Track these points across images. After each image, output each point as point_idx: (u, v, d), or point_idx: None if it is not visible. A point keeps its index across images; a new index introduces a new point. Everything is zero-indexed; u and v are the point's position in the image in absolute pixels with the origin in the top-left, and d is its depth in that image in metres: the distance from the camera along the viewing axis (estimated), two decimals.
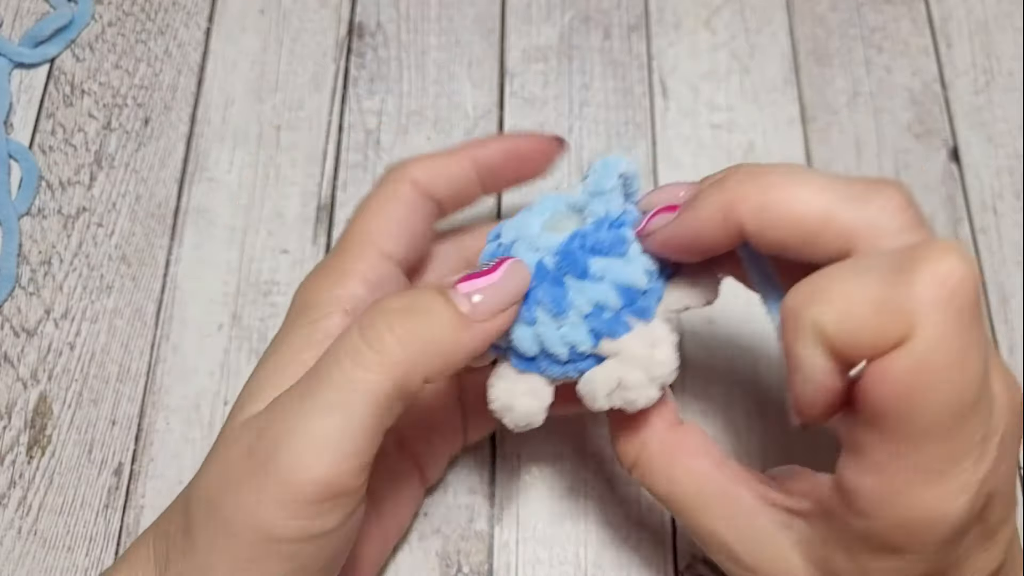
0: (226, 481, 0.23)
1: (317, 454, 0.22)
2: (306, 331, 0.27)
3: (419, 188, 0.30)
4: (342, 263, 0.29)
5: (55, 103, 0.40)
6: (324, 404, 0.22)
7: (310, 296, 0.28)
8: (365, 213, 0.30)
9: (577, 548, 0.34)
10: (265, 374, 0.26)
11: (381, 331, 0.23)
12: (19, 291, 0.37)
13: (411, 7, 0.43)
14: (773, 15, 0.44)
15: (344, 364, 0.22)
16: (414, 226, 0.30)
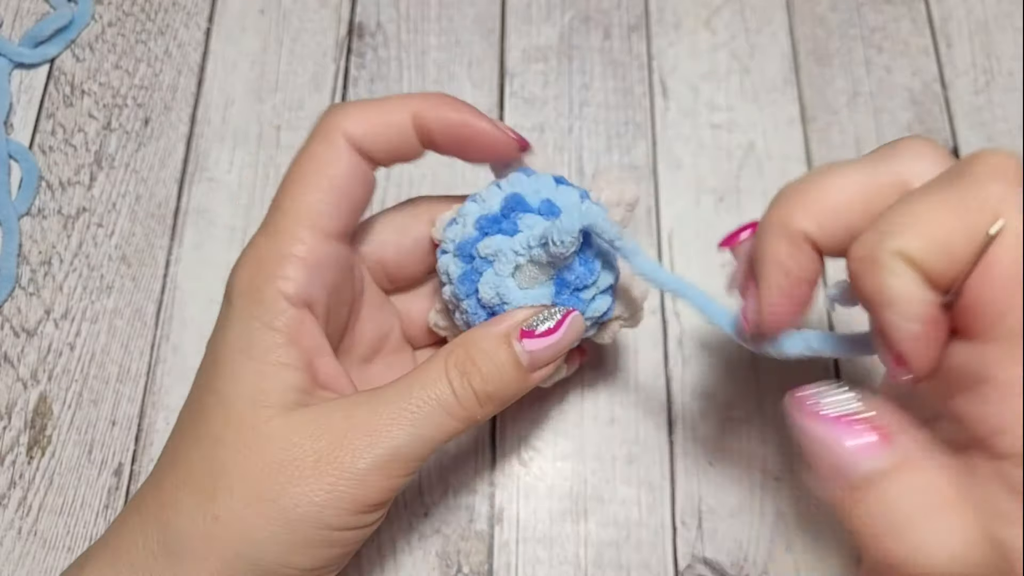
0: (289, 477, 0.25)
1: (397, 469, 0.25)
2: (267, 336, 0.26)
3: (354, 144, 0.27)
4: (278, 246, 0.27)
5: (55, 103, 0.40)
6: (410, 437, 0.25)
7: (251, 288, 0.26)
8: (299, 181, 0.27)
9: (577, 548, 0.34)
10: (241, 372, 0.26)
11: (469, 393, 0.26)
12: (19, 291, 0.37)
13: (411, 7, 0.43)
14: (773, 15, 0.44)
15: (436, 412, 0.26)
16: (352, 193, 0.28)
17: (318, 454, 0.25)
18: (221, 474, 0.25)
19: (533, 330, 0.27)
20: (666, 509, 0.34)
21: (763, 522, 0.34)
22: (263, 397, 0.26)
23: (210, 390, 0.26)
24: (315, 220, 0.27)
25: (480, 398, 0.26)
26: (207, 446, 0.26)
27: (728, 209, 0.39)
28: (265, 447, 0.25)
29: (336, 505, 0.25)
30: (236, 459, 0.25)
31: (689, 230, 0.39)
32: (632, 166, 0.40)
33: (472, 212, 0.29)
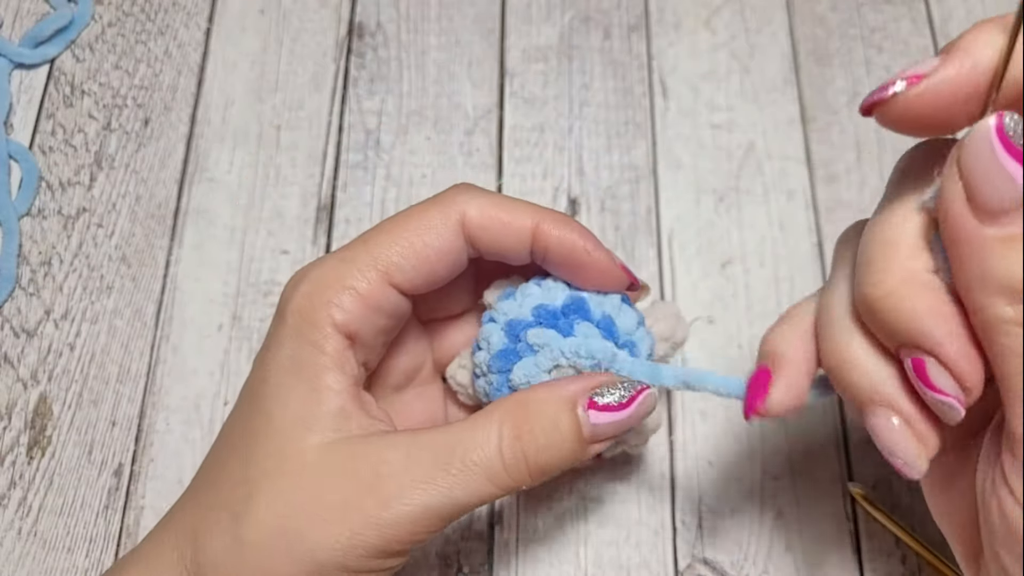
0: (314, 515, 0.24)
1: (426, 526, 0.25)
2: (317, 358, 0.26)
3: (467, 229, 0.27)
4: (343, 275, 0.26)
5: (55, 103, 0.40)
6: (448, 501, 0.24)
7: (306, 308, 0.26)
8: (394, 232, 0.27)
9: (577, 548, 0.34)
10: (288, 393, 0.26)
11: (520, 463, 0.25)
12: (19, 292, 0.37)
13: (411, 7, 0.43)
14: (773, 15, 0.44)
15: (478, 478, 0.25)
16: (438, 267, 0.27)
17: (346, 497, 0.24)
18: (251, 499, 0.25)
19: (603, 402, 0.26)
20: (666, 509, 0.34)
21: (763, 522, 0.34)
22: (308, 422, 0.25)
23: (257, 409, 0.26)
24: (390, 271, 0.26)
25: (531, 469, 0.25)
26: (245, 467, 0.25)
27: (728, 209, 0.39)
28: (298, 479, 0.25)
29: (357, 552, 0.24)
30: (269, 485, 0.25)
31: (689, 230, 0.39)
32: (632, 166, 0.40)
33: (533, 295, 0.29)
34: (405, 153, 0.40)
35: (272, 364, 0.26)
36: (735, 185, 0.40)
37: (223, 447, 0.27)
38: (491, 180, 0.40)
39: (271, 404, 0.26)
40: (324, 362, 0.26)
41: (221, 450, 0.27)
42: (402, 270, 0.27)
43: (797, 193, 0.40)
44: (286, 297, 0.27)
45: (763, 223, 0.39)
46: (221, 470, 0.26)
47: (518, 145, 0.41)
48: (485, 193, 0.28)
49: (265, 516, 0.24)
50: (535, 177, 0.40)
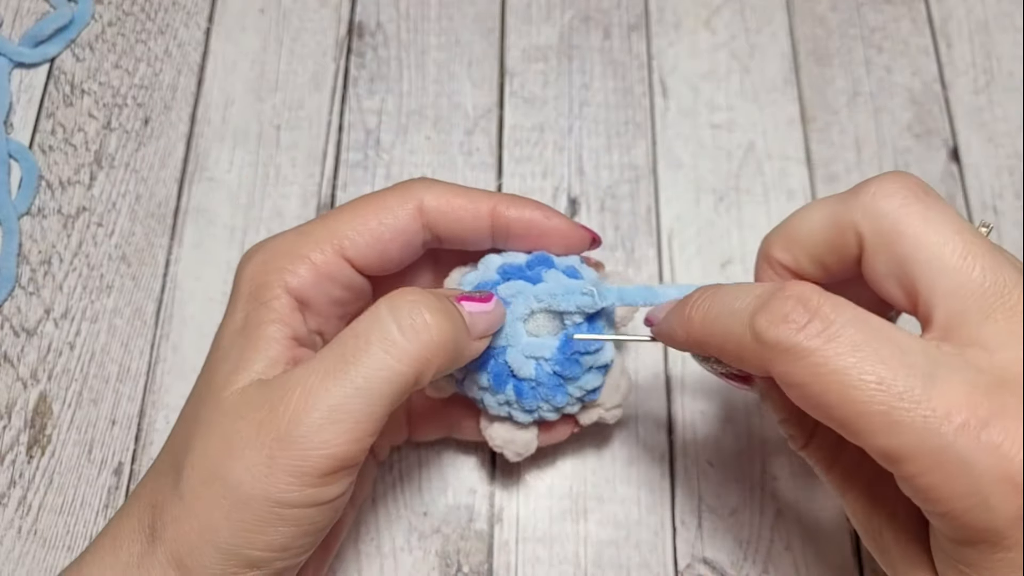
0: (232, 450, 0.24)
1: (338, 432, 0.23)
2: (259, 311, 0.27)
3: (423, 215, 0.28)
4: (299, 247, 0.28)
5: (55, 103, 0.40)
6: (350, 387, 0.23)
7: (258, 274, 0.27)
8: (351, 212, 0.28)
9: (577, 548, 0.34)
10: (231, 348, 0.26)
11: (418, 324, 0.24)
12: (19, 291, 0.37)
13: (411, 7, 0.43)
14: (773, 15, 0.44)
15: (375, 351, 0.24)
16: (392, 246, 0.28)
17: (258, 424, 0.24)
18: (186, 451, 0.25)
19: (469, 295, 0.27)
20: (666, 509, 0.34)
21: (763, 522, 0.34)
22: (239, 371, 0.26)
23: (204, 369, 0.27)
24: (343, 244, 0.28)
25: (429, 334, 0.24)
26: (188, 424, 0.26)
27: (728, 209, 0.39)
28: (221, 421, 0.25)
29: (278, 478, 0.23)
30: (200, 435, 0.25)
31: (689, 230, 0.39)
32: (632, 166, 0.40)
33: (494, 261, 0.30)
34: (405, 153, 0.40)
35: (224, 329, 0.27)
36: (735, 185, 0.40)
37: (179, 416, 0.28)
38: (491, 180, 0.40)
39: (216, 363, 0.27)
40: (269, 316, 0.27)
41: (178, 419, 0.27)
42: (356, 245, 0.28)
43: (797, 193, 0.40)
44: (241, 267, 0.28)
45: (763, 223, 0.39)
46: (173, 436, 0.27)
47: (518, 145, 0.41)
48: (443, 183, 0.29)
49: (197, 465, 0.24)
50: (535, 177, 0.40)
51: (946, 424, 0.20)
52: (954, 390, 0.20)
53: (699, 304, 0.25)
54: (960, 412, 0.20)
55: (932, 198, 0.23)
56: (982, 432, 0.20)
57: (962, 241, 0.22)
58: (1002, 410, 0.20)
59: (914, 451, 0.20)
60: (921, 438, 0.20)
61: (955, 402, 0.20)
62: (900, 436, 0.20)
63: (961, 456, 0.20)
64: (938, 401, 0.20)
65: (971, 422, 0.20)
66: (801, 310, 0.22)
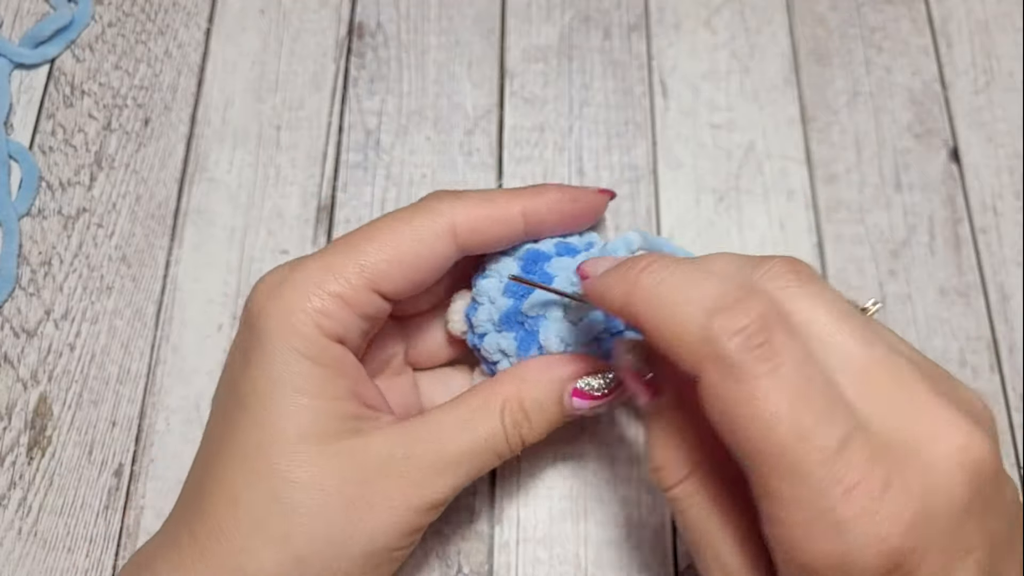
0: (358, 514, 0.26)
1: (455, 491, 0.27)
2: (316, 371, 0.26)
3: (455, 238, 0.28)
4: (329, 283, 0.26)
5: (55, 104, 0.40)
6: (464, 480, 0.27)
7: (291, 320, 0.26)
8: (382, 238, 0.27)
9: (577, 548, 0.34)
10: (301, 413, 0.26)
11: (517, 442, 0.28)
12: (19, 292, 0.37)
13: (411, 7, 0.43)
14: (773, 15, 0.44)
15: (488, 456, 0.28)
16: (425, 275, 0.28)
17: (387, 489, 0.26)
18: (294, 515, 0.25)
19: (586, 392, 0.28)
20: (666, 509, 0.34)
21: None
22: (325, 433, 0.26)
23: (262, 427, 0.26)
24: (377, 280, 0.27)
25: (526, 443, 0.28)
26: (274, 486, 0.25)
27: (728, 209, 0.39)
28: (335, 483, 0.25)
29: (399, 532, 0.26)
30: (310, 497, 0.25)
31: (689, 230, 0.39)
32: (632, 166, 0.40)
33: (492, 287, 0.30)
34: (405, 153, 0.40)
35: (264, 379, 0.26)
36: (735, 185, 0.40)
37: (228, 467, 0.26)
38: (491, 180, 0.40)
39: (277, 419, 0.26)
40: (325, 374, 0.26)
41: (228, 471, 0.26)
42: (390, 279, 0.27)
43: (797, 193, 0.40)
44: (262, 304, 0.27)
45: (763, 223, 0.39)
46: (237, 489, 0.26)
47: (518, 145, 0.41)
48: (468, 196, 0.28)
49: (315, 528, 0.25)
50: (535, 177, 0.40)
51: (839, 488, 0.20)
52: (857, 456, 0.21)
53: (651, 273, 0.23)
54: (854, 479, 0.20)
55: (818, 281, 0.23)
56: (865, 499, 0.20)
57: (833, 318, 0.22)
58: (886, 483, 0.20)
59: (806, 507, 0.20)
60: (815, 496, 0.20)
61: (854, 469, 0.20)
62: (799, 488, 0.20)
63: (842, 521, 0.20)
64: (842, 465, 0.20)
65: (859, 490, 0.20)
66: (759, 328, 0.21)
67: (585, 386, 0.28)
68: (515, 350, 0.29)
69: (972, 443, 0.21)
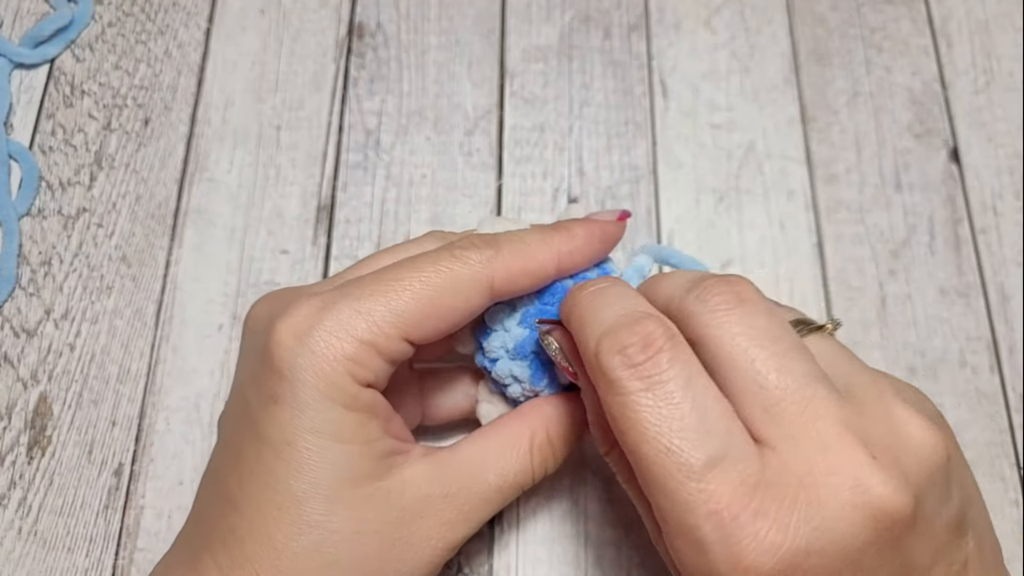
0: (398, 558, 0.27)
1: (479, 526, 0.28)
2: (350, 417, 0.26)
3: (491, 292, 0.27)
4: (360, 330, 0.26)
5: (55, 103, 0.40)
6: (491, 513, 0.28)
7: (324, 369, 0.25)
8: (418, 285, 0.26)
9: (577, 548, 0.34)
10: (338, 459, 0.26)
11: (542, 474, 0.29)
12: (19, 292, 0.37)
13: (411, 7, 0.43)
14: (773, 15, 0.44)
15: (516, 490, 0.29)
16: (456, 325, 0.27)
17: (429, 522, 0.27)
18: (335, 563, 0.25)
19: None
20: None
21: None
22: (361, 477, 0.26)
23: (298, 476, 0.25)
24: (410, 330, 0.26)
25: (547, 475, 0.29)
26: (315, 537, 0.25)
27: (728, 209, 0.39)
28: (375, 527, 0.26)
29: (432, 567, 0.27)
30: (348, 546, 0.26)
31: (689, 230, 0.39)
32: (632, 166, 0.40)
33: (506, 316, 0.29)
34: (405, 153, 0.40)
35: (298, 426, 0.25)
36: (735, 185, 0.40)
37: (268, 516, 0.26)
38: (491, 180, 0.40)
39: (314, 467, 0.25)
40: (358, 418, 0.26)
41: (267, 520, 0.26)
42: (422, 328, 0.26)
43: (797, 193, 0.40)
44: (293, 350, 0.26)
45: (763, 223, 0.39)
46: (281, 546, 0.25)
47: (518, 145, 0.41)
48: (501, 248, 0.27)
49: (351, 572, 0.26)
50: (535, 177, 0.40)
51: (703, 507, 0.21)
52: (726, 480, 0.21)
53: (587, 294, 0.26)
54: (720, 502, 0.21)
55: (751, 304, 0.24)
56: (729, 524, 0.21)
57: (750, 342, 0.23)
58: (758, 513, 0.21)
59: (674, 519, 0.22)
60: (681, 511, 0.22)
61: (721, 492, 0.21)
62: (667, 500, 0.22)
63: (705, 540, 0.21)
64: (707, 485, 0.21)
65: (724, 514, 0.21)
66: (640, 348, 0.23)
67: None
68: (528, 377, 0.29)
69: (872, 483, 0.21)
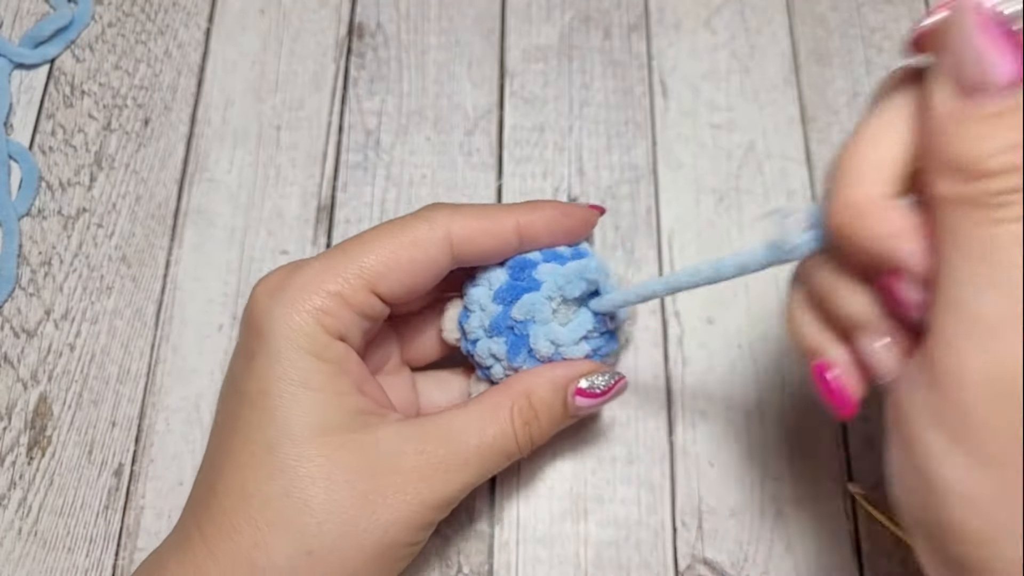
0: (372, 507, 0.26)
1: (462, 494, 0.28)
2: (323, 367, 0.27)
3: (451, 246, 0.29)
4: (328, 283, 0.27)
5: (55, 104, 0.40)
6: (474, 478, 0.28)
7: (294, 319, 0.27)
8: (380, 245, 0.28)
9: (577, 548, 0.34)
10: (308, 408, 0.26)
11: (527, 442, 0.29)
12: (19, 292, 0.37)
13: (411, 7, 0.43)
14: (773, 15, 0.44)
15: (498, 459, 0.29)
16: (421, 282, 0.29)
17: (405, 477, 0.27)
18: (307, 508, 0.25)
19: (588, 390, 0.30)
20: (666, 509, 0.34)
21: (763, 522, 0.34)
22: (333, 427, 0.26)
23: (270, 423, 0.26)
24: (375, 282, 0.28)
25: (534, 444, 0.29)
26: (284, 482, 0.26)
27: (728, 209, 0.39)
28: (346, 476, 0.26)
29: (412, 526, 0.27)
30: (320, 491, 0.26)
31: (689, 230, 0.39)
32: (632, 166, 0.40)
33: (482, 295, 0.31)
34: (405, 153, 0.40)
35: (272, 378, 0.27)
36: (735, 185, 0.40)
37: (241, 465, 0.26)
38: (491, 180, 0.40)
39: (286, 416, 0.26)
40: (330, 369, 0.27)
41: (239, 469, 0.26)
42: (387, 282, 0.28)
43: (797, 193, 0.40)
44: (265, 304, 0.27)
45: (763, 223, 0.39)
46: (249, 487, 0.26)
47: (518, 145, 0.41)
48: (464, 209, 0.29)
49: (329, 522, 0.25)
50: (535, 177, 0.40)
51: None
52: None
53: None
54: None
55: None
56: None
57: None
58: None
59: None
60: None
61: None
62: None
63: None
64: None
65: None
66: None
67: (588, 384, 0.30)
68: (506, 354, 0.30)
69: None
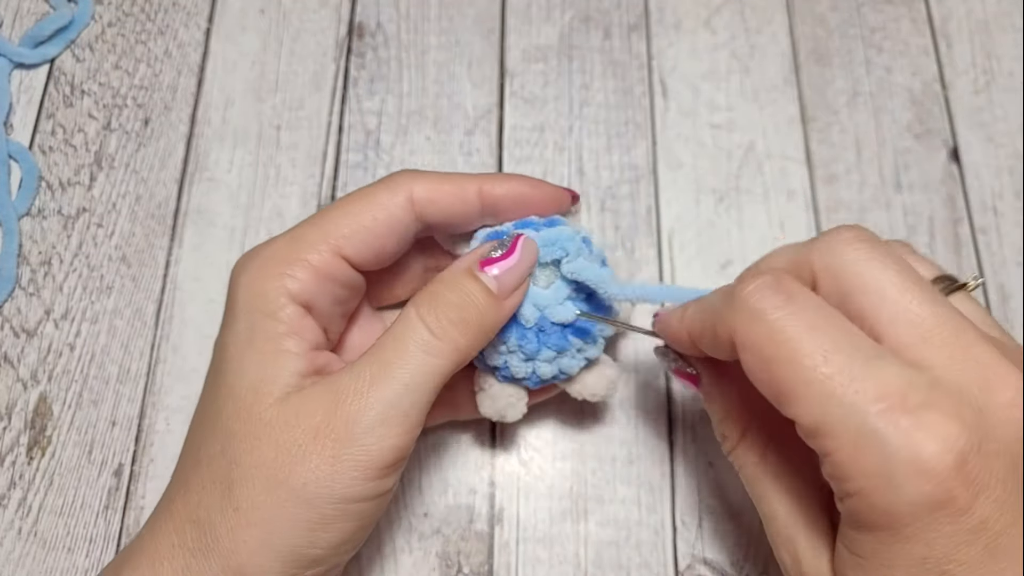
0: (291, 457, 0.25)
1: (393, 426, 0.26)
2: (269, 324, 0.27)
3: (413, 206, 0.29)
4: (295, 251, 0.28)
5: (55, 103, 0.40)
6: (399, 386, 0.26)
7: (256, 282, 0.28)
8: (342, 209, 0.29)
9: (577, 548, 0.34)
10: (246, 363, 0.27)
11: (445, 325, 0.27)
12: (19, 292, 0.37)
13: (411, 7, 0.43)
14: (773, 15, 0.44)
15: (414, 353, 0.26)
16: (387, 242, 0.29)
17: (315, 429, 0.26)
18: (235, 465, 0.26)
19: (491, 258, 0.28)
20: (666, 509, 0.34)
21: None
22: (266, 384, 0.26)
23: (221, 384, 0.27)
24: (340, 244, 0.28)
25: (458, 327, 0.27)
26: (222, 440, 0.26)
27: (728, 209, 0.39)
28: (270, 433, 0.26)
29: (344, 474, 0.25)
30: (247, 448, 0.26)
31: (689, 230, 0.39)
32: (632, 166, 0.40)
33: (482, 233, 0.31)
34: (405, 153, 0.40)
35: (229, 339, 0.28)
36: (735, 185, 0.40)
37: (197, 427, 0.28)
38: None
39: (231, 377, 0.27)
40: (277, 328, 0.27)
41: (196, 430, 0.28)
42: (352, 244, 0.28)
43: (797, 193, 0.40)
44: (236, 276, 0.29)
45: (763, 223, 0.39)
46: (200, 448, 0.27)
47: (518, 145, 0.41)
48: (428, 172, 0.30)
49: (253, 476, 0.26)
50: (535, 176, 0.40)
51: (873, 405, 0.21)
52: (890, 378, 0.21)
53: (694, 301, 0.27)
54: (889, 398, 0.21)
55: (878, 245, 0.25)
56: (903, 418, 0.21)
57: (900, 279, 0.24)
58: (930, 405, 0.21)
59: (837, 426, 0.21)
60: (846, 413, 0.21)
61: (887, 388, 0.21)
62: (829, 408, 0.21)
63: (879, 436, 0.21)
64: (871, 383, 0.21)
65: (896, 407, 0.21)
66: (773, 286, 0.23)
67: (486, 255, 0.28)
68: None
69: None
